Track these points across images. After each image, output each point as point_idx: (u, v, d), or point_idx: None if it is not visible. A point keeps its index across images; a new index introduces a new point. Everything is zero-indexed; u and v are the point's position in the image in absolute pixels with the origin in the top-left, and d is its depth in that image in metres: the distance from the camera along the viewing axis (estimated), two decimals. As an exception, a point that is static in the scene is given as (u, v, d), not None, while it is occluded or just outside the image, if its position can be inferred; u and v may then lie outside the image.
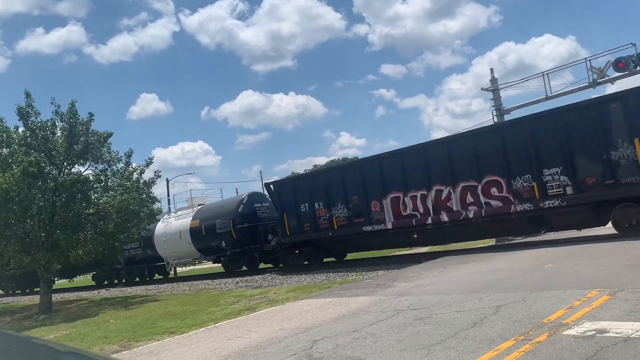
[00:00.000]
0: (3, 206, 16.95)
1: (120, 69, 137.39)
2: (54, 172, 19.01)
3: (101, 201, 19.41)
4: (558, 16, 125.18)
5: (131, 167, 20.64)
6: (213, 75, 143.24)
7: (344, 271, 17.77)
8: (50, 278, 19.88)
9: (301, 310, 10.11)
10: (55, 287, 28.62)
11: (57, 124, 19.19)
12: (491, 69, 25.35)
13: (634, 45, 19.36)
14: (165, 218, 29.08)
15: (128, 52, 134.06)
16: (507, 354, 5.14)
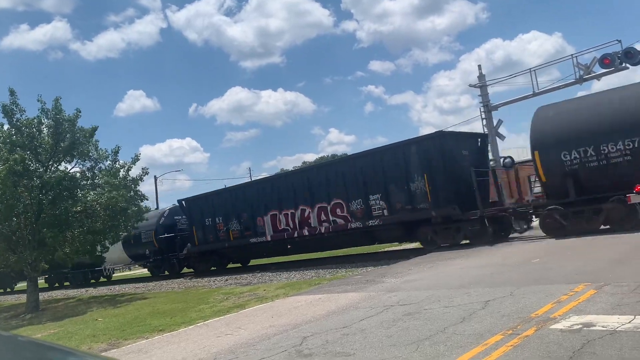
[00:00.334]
0: (-12, 205, 16.75)
1: (106, 66, 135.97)
2: (40, 169, 18.81)
3: (88, 199, 19.23)
4: (544, 13, 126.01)
5: (118, 164, 20.49)
6: (201, 72, 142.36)
7: (333, 267, 17.82)
8: (37, 277, 19.68)
9: (291, 307, 10.12)
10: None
11: (43, 121, 18.98)
12: (479, 66, 25.52)
13: (620, 42, 19.56)
14: None
15: (115, 49, 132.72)
16: (495, 349, 5.18)
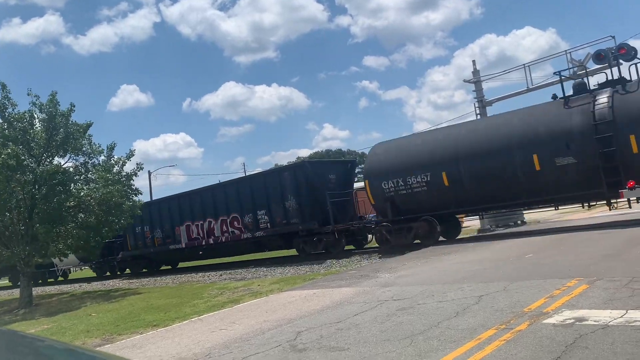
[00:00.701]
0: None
1: (100, 60, 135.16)
2: (33, 164, 18.71)
3: (82, 194, 19.15)
4: (538, 9, 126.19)
5: (113, 160, 20.41)
6: (194, 67, 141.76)
7: (328, 262, 17.84)
8: (30, 272, 19.60)
9: (285, 302, 10.13)
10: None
11: (36, 115, 18.87)
12: (473, 61, 25.52)
13: (614, 37, 19.57)
14: None
15: (108, 43, 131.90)
16: (488, 343, 5.21)
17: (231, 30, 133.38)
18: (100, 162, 20.30)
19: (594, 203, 16.49)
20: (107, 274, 30.34)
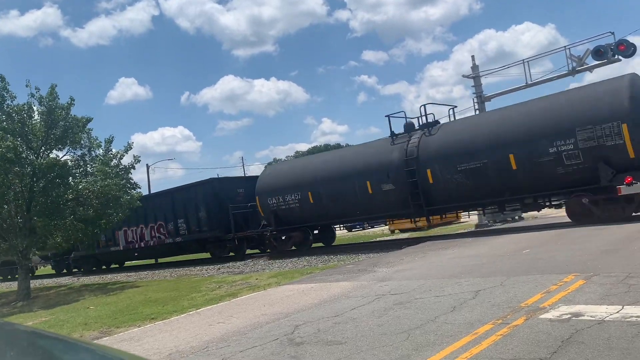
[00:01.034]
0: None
1: (98, 53, 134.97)
2: (31, 157, 18.67)
3: (80, 187, 19.13)
4: (538, 4, 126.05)
5: (111, 153, 20.38)
6: (193, 60, 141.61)
7: (325, 257, 17.88)
8: (28, 265, 19.61)
9: (283, 296, 10.16)
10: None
11: (35, 108, 18.82)
12: (472, 56, 25.47)
13: (613, 34, 19.57)
14: None
15: (106, 36, 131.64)
16: (485, 338, 5.24)
17: (230, 23, 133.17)
18: (99, 155, 20.28)
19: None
20: (64, 271, 32.79)
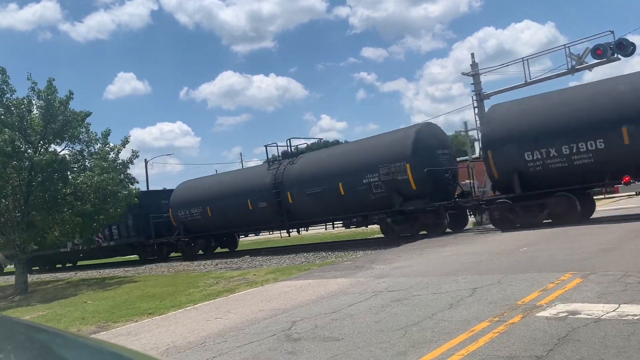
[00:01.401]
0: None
1: (97, 48, 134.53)
2: (29, 151, 18.63)
3: (78, 181, 19.10)
4: (537, 2, 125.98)
5: (108, 147, 20.34)
6: (192, 55, 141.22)
7: (323, 253, 17.90)
8: (26, 259, 19.59)
9: (280, 292, 10.17)
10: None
11: (34, 102, 18.77)
12: (472, 54, 25.50)
13: (612, 32, 19.57)
14: None
15: (105, 30, 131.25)
16: (482, 335, 5.25)
17: (229, 19, 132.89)
18: (97, 150, 20.24)
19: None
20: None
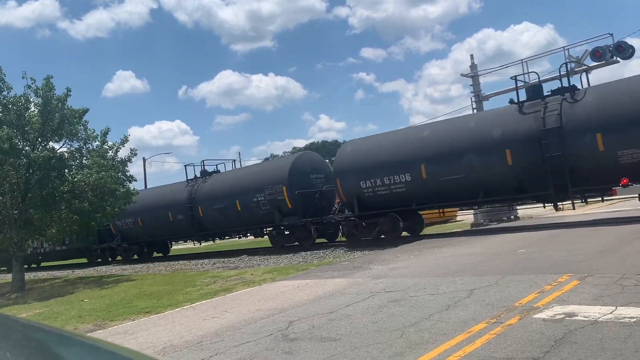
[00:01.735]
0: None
1: (96, 45, 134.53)
2: (27, 148, 18.60)
3: (76, 179, 19.08)
4: (537, 4, 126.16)
5: (107, 145, 20.31)
6: (191, 54, 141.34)
7: (321, 253, 17.89)
8: (23, 256, 19.56)
9: (278, 292, 10.17)
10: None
11: (31, 99, 18.73)
12: (471, 55, 25.53)
13: (611, 35, 19.63)
14: None
15: (104, 28, 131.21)
16: (479, 336, 5.25)
17: (228, 18, 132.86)
18: (95, 148, 20.20)
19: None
20: None
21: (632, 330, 4.87)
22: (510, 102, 16.29)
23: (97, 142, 20.20)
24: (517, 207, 22.67)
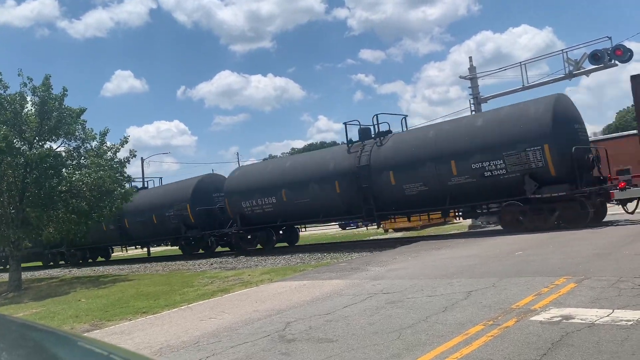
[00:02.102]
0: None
1: (95, 45, 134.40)
2: (24, 147, 18.56)
3: (73, 178, 19.05)
4: (535, 7, 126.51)
5: (106, 146, 20.28)
6: (190, 54, 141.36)
7: (319, 254, 17.89)
8: (19, 256, 19.52)
9: (275, 293, 10.16)
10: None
11: (28, 98, 18.71)
12: (470, 57, 25.53)
13: (610, 38, 19.72)
14: None
15: (103, 28, 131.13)
16: (476, 338, 5.26)
17: (228, 18, 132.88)
18: (93, 148, 20.18)
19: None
20: None
21: (629, 333, 4.87)
22: (349, 141, 19.85)
23: (96, 142, 20.19)
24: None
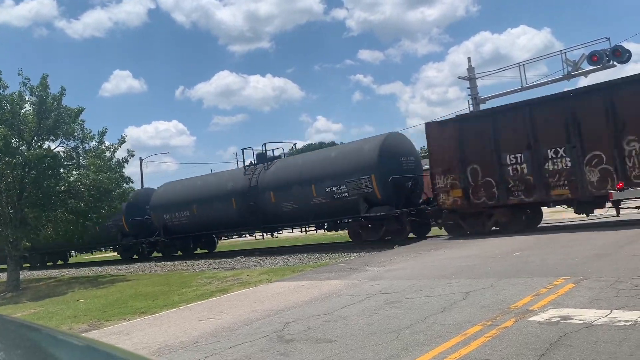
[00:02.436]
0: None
1: (93, 45, 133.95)
2: (22, 147, 18.53)
3: (72, 179, 19.01)
4: (534, 7, 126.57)
5: (104, 146, 20.24)
6: (188, 55, 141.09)
7: (317, 255, 17.88)
8: (18, 256, 19.48)
9: (274, 293, 10.16)
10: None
11: (26, 98, 18.67)
12: (468, 58, 25.56)
13: (608, 39, 19.75)
14: None
15: (101, 28, 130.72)
16: (474, 339, 5.26)
17: (226, 18, 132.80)
18: (92, 148, 20.14)
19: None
20: None
21: (627, 333, 4.88)
22: (248, 164, 22.66)
23: (94, 142, 20.16)
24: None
